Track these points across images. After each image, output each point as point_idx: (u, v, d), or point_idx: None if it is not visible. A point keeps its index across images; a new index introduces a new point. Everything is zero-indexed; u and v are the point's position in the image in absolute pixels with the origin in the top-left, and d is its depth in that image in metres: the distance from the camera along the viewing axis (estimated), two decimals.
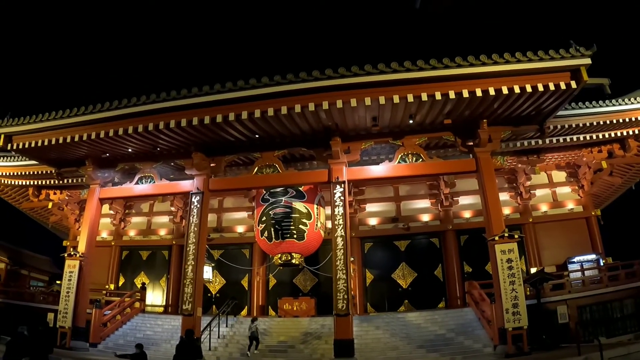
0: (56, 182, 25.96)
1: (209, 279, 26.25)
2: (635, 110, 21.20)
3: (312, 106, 16.95)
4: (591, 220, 25.21)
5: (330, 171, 19.61)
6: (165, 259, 29.22)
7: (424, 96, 16.43)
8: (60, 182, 25.74)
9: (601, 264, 22.44)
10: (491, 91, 16.26)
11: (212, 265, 26.95)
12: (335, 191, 19.17)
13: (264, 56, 50.68)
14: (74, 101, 19.28)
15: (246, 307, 27.03)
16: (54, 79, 46.05)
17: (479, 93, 16.29)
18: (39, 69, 46.50)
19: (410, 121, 18.68)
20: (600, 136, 22.29)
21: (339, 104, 16.74)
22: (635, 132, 22.31)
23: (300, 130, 19.16)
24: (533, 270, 23.19)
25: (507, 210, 25.56)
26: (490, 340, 17.52)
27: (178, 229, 29.36)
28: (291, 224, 21.93)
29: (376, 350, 18.02)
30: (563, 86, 16.08)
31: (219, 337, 20.53)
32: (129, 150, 20.78)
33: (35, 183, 26.84)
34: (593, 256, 23.32)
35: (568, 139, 22.23)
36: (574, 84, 16.02)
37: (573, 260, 23.41)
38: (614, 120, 21.21)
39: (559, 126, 20.88)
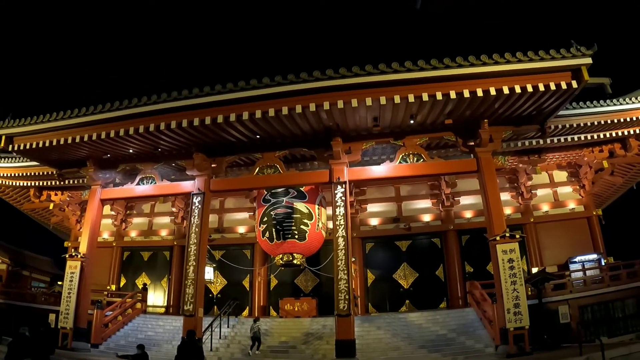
0: (57, 183, 26.02)
1: (210, 279, 26.27)
2: (636, 110, 21.19)
3: (313, 106, 16.93)
4: (592, 220, 25.18)
5: (332, 171, 19.60)
6: (167, 260, 29.22)
7: (425, 96, 16.41)
8: (62, 183, 25.80)
9: (602, 263, 22.41)
10: (492, 91, 16.22)
11: (214, 265, 26.97)
12: (336, 191, 19.17)
13: (265, 56, 50.77)
14: (75, 102, 19.31)
15: (247, 308, 27.03)
16: (55, 80, 46.13)
17: (480, 93, 16.26)
18: (40, 70, 46.59)
19: (411, 121, 18.67)
20: (602, 136, 22.30)
21: (340, 104, 16.73)
22: (636, 132, 22.30)
23: (301, 131, 19.16)
24: (534, 270, 23.18)
25: (509, 210, 25.54)
26: (492, 341, 17.49)
27: (179, 229, 29.38)
28: (292, 224, 21.93)
29: (378, 351, 18.00)
30: (564, 86, 16.05)
31: (220, 338, 20.52)
32: (130, 151, 20.80)
33: (37, 184, 26.87)
34: (594, 256, 23.26)
35: (569, 139, 22.24)
36: (574, 84, 15.99)
37: (574, 260, 23.36)
38: (615, 120, 21.21)
39: (560, 126, 20.89)
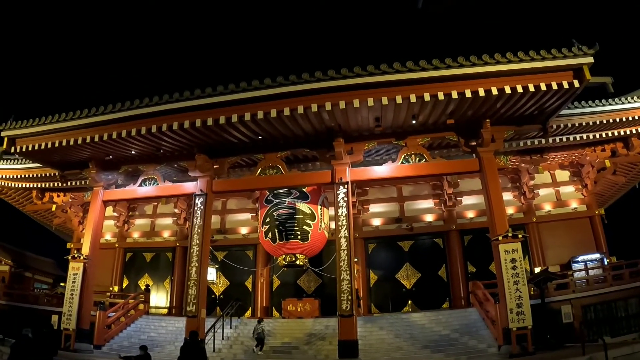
0: (60, 185, 26.05)
1: (212, 280, 26.24)
2: (638, 109, 21.16)
3: (315, 107, 16.92)
4: (595, 220, 25.12)
5: (334, 172, 19.57)
6: (169, 261, 29.23)
7: (427, 96, 16.41)
8: (64, 185, 25.84)
9: (605, 263, 22.39)
10: (494, 91, 16.21)
11: (216, 266, 26.97)
12: (338, 192, 19.15)
13: (266, 57, 50.81)
14: (77, 104, 19.41)
15: (250, 309, 27.05)
16: (57, 82, 46.23)
17: (481, 93, 16.24)
18: (42, 72, 46.70)
19: (413, 121, 18.65)
20: (604, 135, 22.28)
21: (342, 104, 16.72)
22: (639, 131, 22.26)
23: (303, 132, 19.16)
24: (537, 269, 23.12)
25: (511, 210, 25.49)
26: (495, 340, 17.46)
27: (182, 230, 29.41)
28: (295, 225, 21.91)
29: (380, 351, 17.99)
30: (566, 85, 16.03)
31: (223, 339, 20.54)
32: (133, 152, 20.82)
33: (39, 186, 26.88)
34: (597, 255, 23.24)
35: (571, 138, 22.21)
36: (576, 83, 15.96)
37: (577, 259, 23.34)
38: (617, 119, 21.16)
39: (562, 125, 20.85)
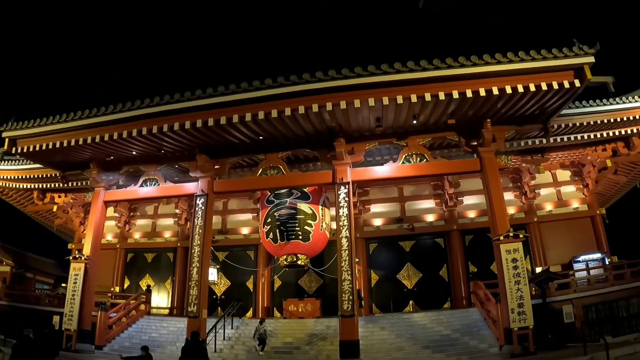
0: (61, 185, 26.07)
1: (214, 280, 26.29)
2: (639, 108, 21.11)
3: (316, 107, 16.92)
4: (596, 219, 25.08)
5: (335, 172, 19.57)
6: (170, 261, 29.22)
7: (428, 96, 16.41)
8: (65, 185, 25.88)
9: (606, 262, 22.37)
10: (495, 91, 16.20)
11: (217, 267, 27.00)
12: (339, 192, 19.16)
13: (267, 58, 50.81)
14: (78, 104, 19.37)
15: (251, 309, 27.03)
16: (58, 82, 46.26)
17: (482, 93, 16.24)
18: (43, 73, 46.73)
19: (414, 121, 18.65)
20: (605, 134, 22.25)
21: (343, 104, 16.72)
22: None
23: (304, 132, 19.16)
24: (538, 269, 23.12)
25: (512, 210, 25.47)
26: (496, 340, 17.45)
27: (183, 231, 29.42)
28: (296, 225, 21.91)
29: (382, 351, 17.99)
30: (566, 85, 16.02)
31: (224, 339, 20.55)
32: (134, 152, 20.84)
33: (40, 186, 26.90)
34: (598, 255, 23.21)
35: (572, 138, 22.19)
36: (577, 83, 15.94)
37: (578, 259, 23.32)
38: (618, 119, 21.13)
39: (563, 125, 20.84)
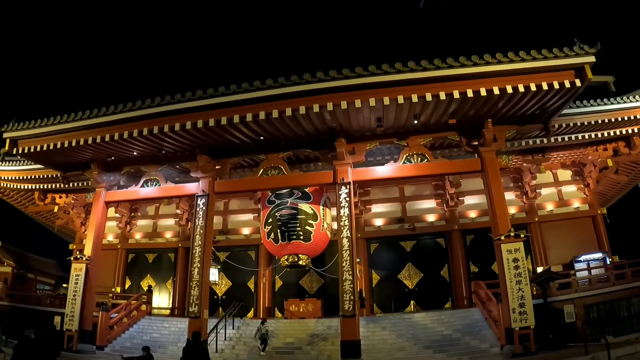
0: (62, 186, 26.06)
1: (215, 281, 26.31)
2: None
3: (317, 107, 16.91)
4: (597, 219, 25.07)
5: (336, 172, 19.57)
6: (172, 262, 29.25)
7: (428, 96, 16.39)
8: (66, 186, 25.86)
9: (608, 262, 22.35)
10: (495, 90, 16.18)
11: (218, 267, 27.03)
12: (340, 192, 19.16)
13: (267, 58, 50.80)
14: (79, 105, 19.35)
15: (252, 309, 27.04)
16: (59, 83, 46.29)
17: (483, 92, 16.23)
18: (44, 73, 46.75)
19: (415, 121, 18.65)
20: (606, 134, 22.25)
21: (344, 105, 16.72)
22: None
23: (305, 132, 19.16)
24: (539, 269, 23.10)
25: (513, 210, 25.46)
26: (497, 340, 17.43)
27: (184, 231, 29.42)
28: (297, 225, 21.91)
29: (383, 351, 17.98)
30: (567, 84, 16.01)
31: (225, 339, 20.55)
32: (134, 153, 20.84)
33: (41, 187, 26.94)
34: (599, 255, 23.19)
35: (573, 138, 22.19)
36: (578, 82, 15.93)
37: (579, 259, 23.30)
38: (619, 118, 21.13)
39: (564, 124, 20.84)
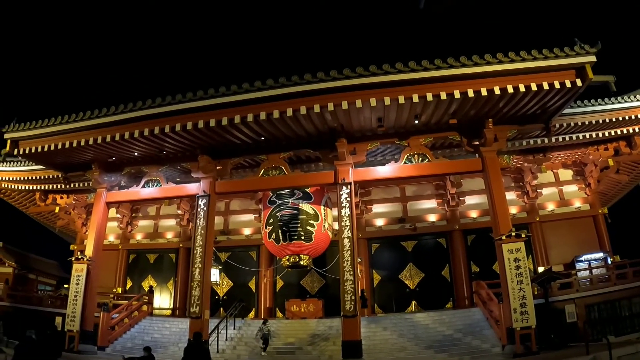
0: (63, 187, 26.07)
1: (216, 281, 26.31)
2: None
3: (318, 108, 16.92)
4: (598, 219, 25.05)
5: (337, 172, 19.57)
6: (173, 262, 29.26)
7: (429, 96, 16.40)
8: (67, 187, 25.84)
9: (609, 262, 22.32)
10: (496, 90, 16.20)
11: (220, 267, 27.04)
12: (341, 192, 19.15)
13: (268, 58, 50.79)
14: (80, 105, 19.36)
15: (254, 310, 27.05)
16: (60, 84, 46.32)
17: (484, 92, 16.24)
18: (45, 74, 46.78)
19: (416, 121, 18.65)
20: (607, 134, 22.25)
21: (344, 105, 16.73)
22: None
23: (306, 132, 19.16)
24: (540, 269, 23.07)
25: (514, 210, 25.44)
26: (499, 340, 17.44)
27: (185, 231, 29.41)
28: (298, 225, 21.90)
29: (384, 351, 17.98)
30: (568, 84, 16.02)
31: (226, 340, 20.58)
32: (135, 154, 20.85)
33: (42, 188, 26.97)
34: (601, 254, 23.18)
35: (574, 137, 22.18)
36: (579, 82, 15.93)
37: (581, 258, 23.28)
38: (620, 118, 21.12)
39: (565, 124, 20.83)
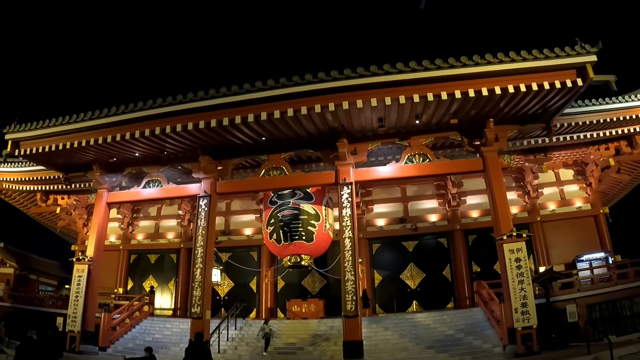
0: (64, 187, 26.03)
1: (217, 281, 26.33)
2: None
3: (318, 108, 16.91)
4: (599, 218, 25.06)
5: (337, 172, 19.56)
6: (174, 263, 29.28)
7: (430, 96, 16.39)
8: (68, 187, 25.81)
9: (610, 262, 22.32)
10: (497, 90, 16.18)
11: (221, 268, 27.05)
12: (342, 192, 19.13)
13: (269, 59, 50.79)
14: (81, 106, 19.37)
15: (255, 310, 27.07)
16: (61, 84, 46.36)
17: (484, 92, 16.22)
18: (45, 74, 46.82)
19: (417, 121, 18.64)
20: (607, 133, 22.24)
21: (345, 105, 16.72)
22: None
23: (307, 132, 19.15)
24: (542, 269, 23.08)
25: (515, 209, 25.45)
26: (500, 340, 17.44)
27: (186, 232, 29.43)
28: (300, 225, 21.93)
29: (385, 352, 17.98)
30: (569, 84, 16.00)
31: (228, 340, 20.59)
32: (136, 154, 20.85)
33: (43, 188, 26.98)
34: (602, 254, 23.20)
35: (575, 137, 22.17)
36: (580, 82, 15.91)
37: (582, 258, 23.30)
38: (621, 117, 21.11)
39: (566, 124, 20.81)
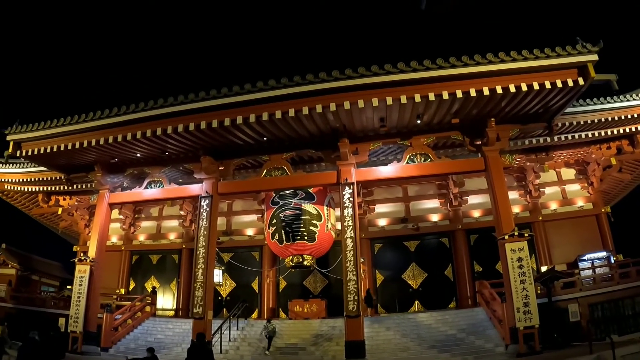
0: (66, 188, 26.06)
1: (219, 282, 26.30)
2: None
3: (320, 108, 16.92)
4: (601, 218, 25.05)
5: (339, 172, 19.57)
6: (176, 263, 29.27)
7: (431, 96, 16.38)
8: (70, 188, 25.86)
9: (612, 261, 22.31)
10: (498, 89, 16.17)
11: (222, 268, 27.03)
12: (344, 192, 19.14)
13: (269, 59, 50.80)
14: (82, 106, 19.38)
15: (257, 310, 27.06)
16: (62, 85, 46.40)
17: (486, 92, 16.21)
18: (47, 75, 46.87)
19: (418, 121, 18.63)
20: (609, 132, 22.20)
21: (347, 105, 16.72)
22: None
23: (308, 132, 19.15)
24: (544, 268, 23.04)
25: (517, 209, 25.44)
26: (502, 340, 17.44)
27: (188, 232, 29.44)
28: (301, 225, 21.92)
29: (387, 351, 17.99)
30: (570, 83, 15.98)
31: (230, 340, 20.61)
32: (138, 155, 20.88)
33: (45, 189, 27.01)
34: (604, 253, 23.19)
35: (576, 136, 22.14)
36: (581, 81, 15.90)
37: (584, 258, 23.30)
38: (622, 117, 21.08)
39: (567, 123, 20.76)
